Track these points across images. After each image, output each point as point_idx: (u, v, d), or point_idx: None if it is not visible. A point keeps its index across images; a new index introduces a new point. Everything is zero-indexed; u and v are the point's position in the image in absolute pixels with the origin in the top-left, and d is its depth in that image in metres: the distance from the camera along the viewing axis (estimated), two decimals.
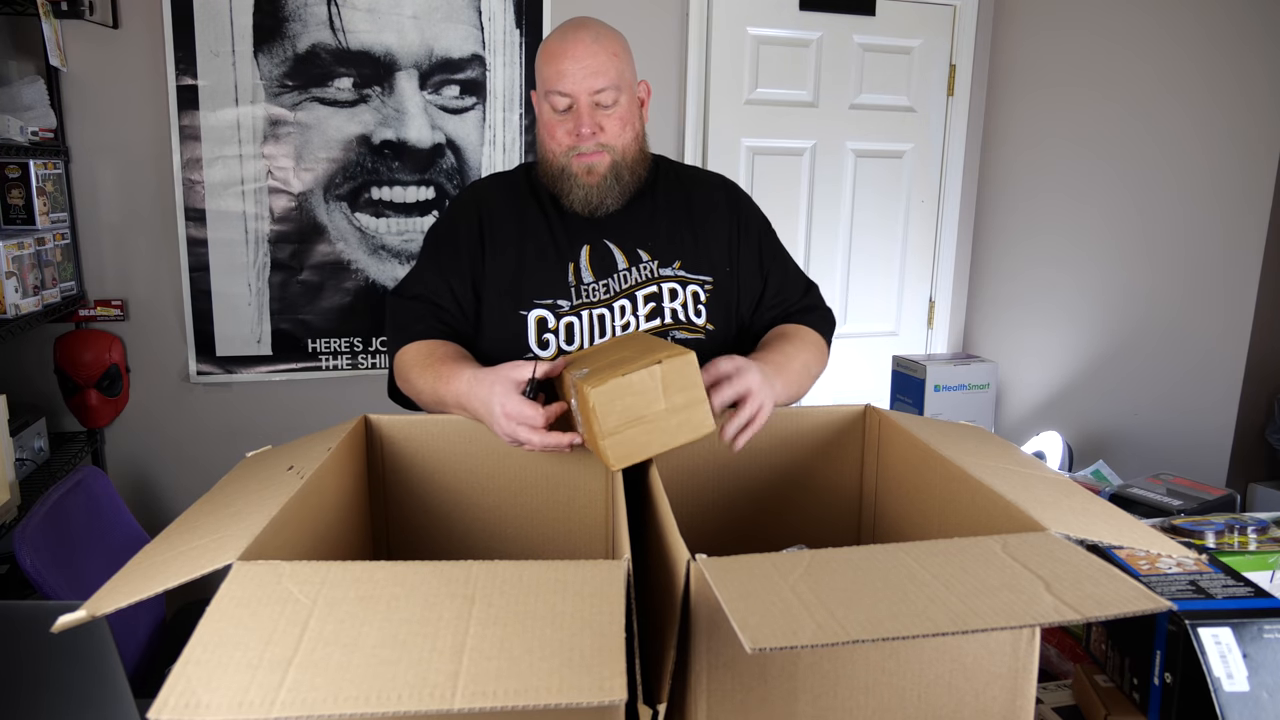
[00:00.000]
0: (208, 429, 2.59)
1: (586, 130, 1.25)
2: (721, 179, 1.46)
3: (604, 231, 1.34)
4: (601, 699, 0.50)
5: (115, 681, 1.23)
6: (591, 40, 1.24)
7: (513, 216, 1.35)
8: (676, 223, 1.37)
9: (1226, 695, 0.77)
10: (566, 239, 1.33)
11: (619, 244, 1.33)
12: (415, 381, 1.23)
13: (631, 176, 1.32)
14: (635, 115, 1.31)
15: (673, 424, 0.95)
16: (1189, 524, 1.15)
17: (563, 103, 1.26)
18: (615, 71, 1.25)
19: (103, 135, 2.39)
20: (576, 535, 1.12)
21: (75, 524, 1.69)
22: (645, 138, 1.35)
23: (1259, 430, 2.45)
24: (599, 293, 1.31)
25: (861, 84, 3.03)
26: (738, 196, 1.44)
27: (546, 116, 1.29)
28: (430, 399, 1.20)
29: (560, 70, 1.24)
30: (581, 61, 1.23)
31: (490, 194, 1.40)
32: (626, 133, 1.29)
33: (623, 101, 1.27)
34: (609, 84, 1.24)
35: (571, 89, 1.24)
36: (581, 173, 1.28)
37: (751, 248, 1.40)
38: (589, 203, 1.30)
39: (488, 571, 0.63)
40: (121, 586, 0.65)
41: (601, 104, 1.25)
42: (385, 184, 2.61)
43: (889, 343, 3.23)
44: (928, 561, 0.63)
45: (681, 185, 1.41)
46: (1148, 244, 2.62)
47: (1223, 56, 2.39)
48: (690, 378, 0.95)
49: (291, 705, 0.50)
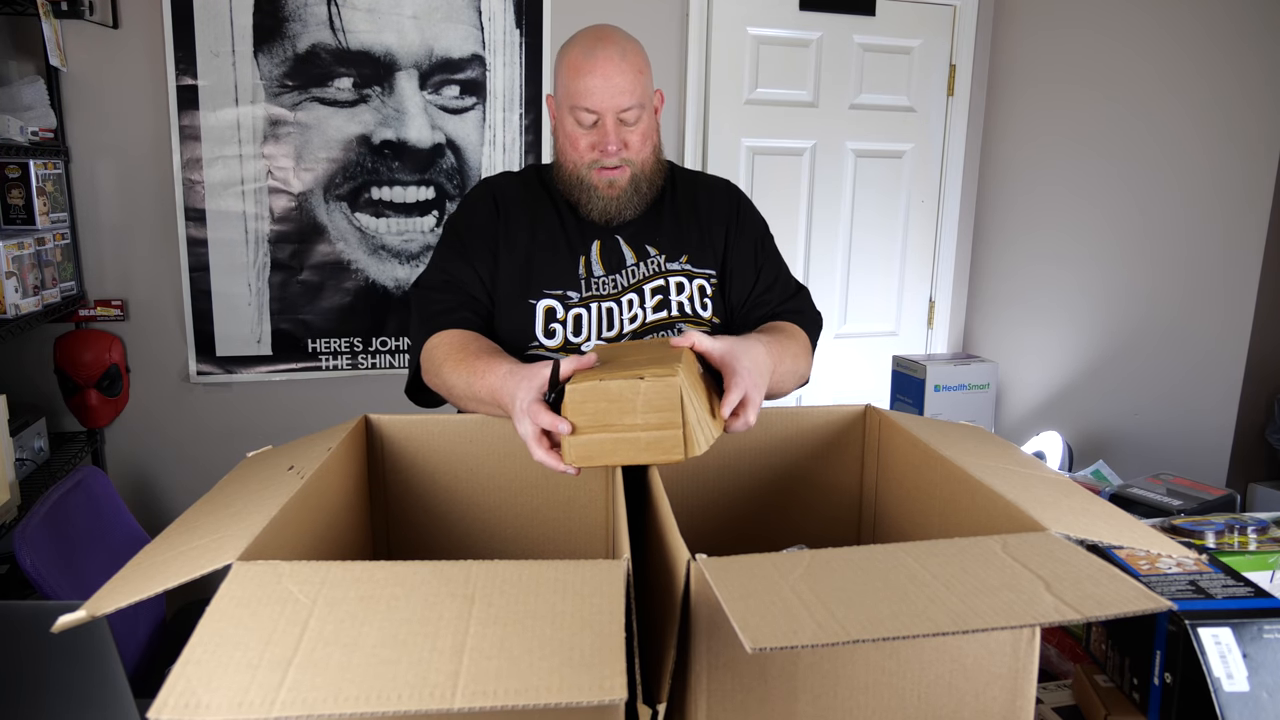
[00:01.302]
0: (208, 429, 2.59)
1: (613, 148, 1.25)
2: (727, 183, 1.48)
3: (615, 229, 1.36)
4: (601, 698, 0.50)
5: (115, 681, 1.23)
6: (620, 58, 1.24)
7: (526, 209, 1.36)
8: (684, 220, 1.38)
9: (1226, 695, 0.77)
10: (579, 234, 1.34)
11: (629, 241, 1.35)
12: (448, 375, 1.20)
13: (650, 188, 1.33)
14: (655, 128, 1.32)
15: (642, 440, 0.93)
16: (1189, 524, 1.15)
17: (589, 119, 1.26)
18: (641, 90, 1.26)
19: (103, 135, 2.39)
20: (576, 535, 1.12)
21: (75, 524, 1.69)
22: (661, 148, 1.36)
23: (1259, 430, 2.45)
24: (608, 286, 1.32)
25: (861, 84, 3.03)
26: (740, 200, 1.45)
27: (570, 128, 1.28)
28: (463, 393, 1.16)
29: (588, 87, 1.23)
30: (611, 80, 1.23)
31: (505, 187, 1.40)
32: (647, 146, 1.30)
33: (644, 118, 1.28)
34: (635, 102, 1.25)
35: (599, 106, 1.24)
36: (602, 185, 1.29)
37: (746, 246, 1.41)
38: (607, 213, 1.31)
39: (488, 571, 0.63)
40: (121, 586, 0.65)
41: (626, 121, 1.26)
42: (385, 184, 2.61)
43: (889, 343, 3.23)
44: (928, 561, 0.63)
45: (689, 187, 1.43)
46: (1148, 244, 2.62)
47: (1223, 56, 2.39)
48: (671, 400, 0.92)
49: (291, 705, 0.50)
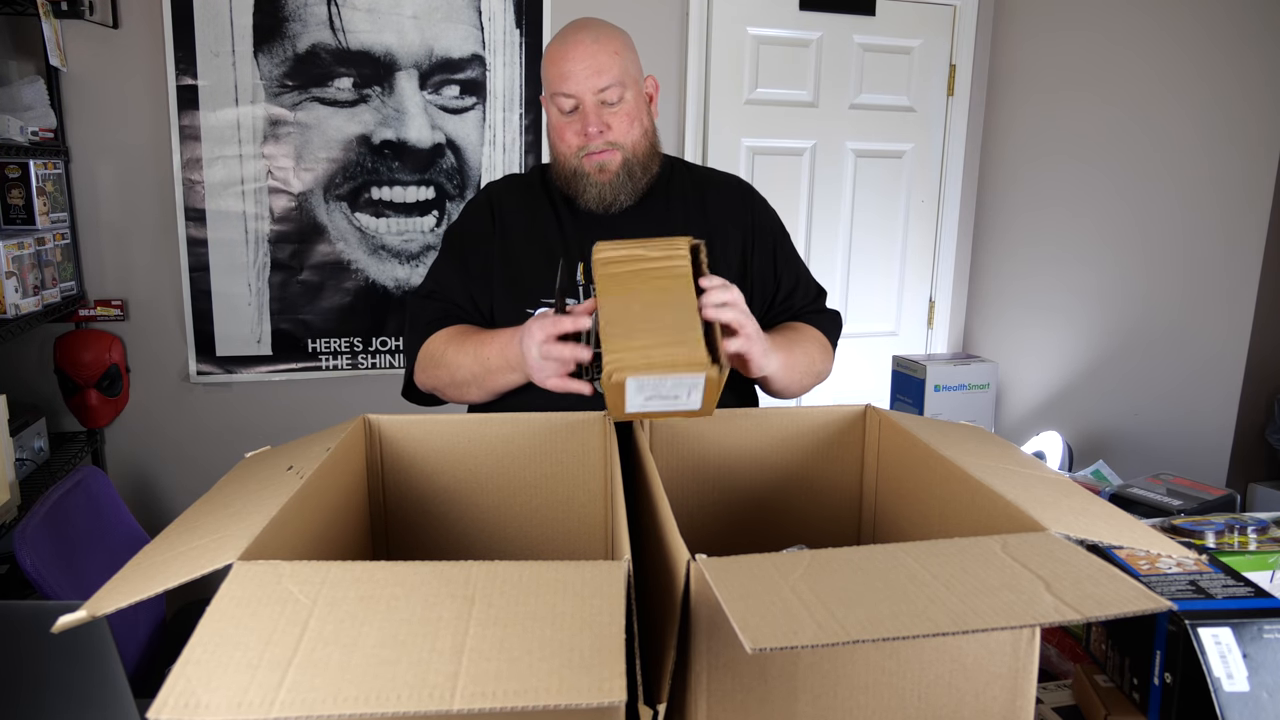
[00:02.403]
0: (208, 429, 2.59)
1: (594, 129, 1.25)
2: (737, 181, 1.46)
3: (617, 231, 1.34)
4: (601, 699, 0.50)
5: (115, 681, 1.23)
6: (592, 40, 1.25)
7: (525, 215, 1.36)
8: (690, 223, 1.37)
9: (1226, 695, 0.77)
10: (578, 239, 1.33)
11: None
12: (453, 357, 1.25)
13: (644, 173, 1.32)
14: (643, 111, 1.31)
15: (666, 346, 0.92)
16: (1189, 524, 1.15)
17: (569, 104, 1.26)
18: (618, 68, 1.25)
19: (103, 135, 2.39)
20: (576, 535, 1.12)
21: (75, 524, 1.69)
22: (655, 133, 1.35)
23: (1259, 430, 2.45)
24: None
25: (861, 84, 3.03)
26: (754, 200, 1.43)
27: (555, 119, 1.29)
28: (471, 364, 1.22)
29: (564, 72, 1.24)
30: (584, 62, 1.24)
31: (504, 194, 1.41)
32: (635, 129, 1.29)
33: (628, 98, 1.27)
34: (612, 81, 1.25)
35: (575, 89, 1.24)
36: (594, 171, 1.29)
37: (766, 253, 1.40)
38: (603, 200, 1.30)
39: (487, 572, 0.63)
40: (121, 586, 0.65)
41: (607, 101, 1.26)
42: (385, 184, 2.61)
43: (889, 343, 3.23)
44: (928, 561, 0.63)
45: (697, 186, 1.41)
46: (1148, 244, 2.62)
47: (1223, 57, 2.39)
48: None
49: (291, 705, 0.50)
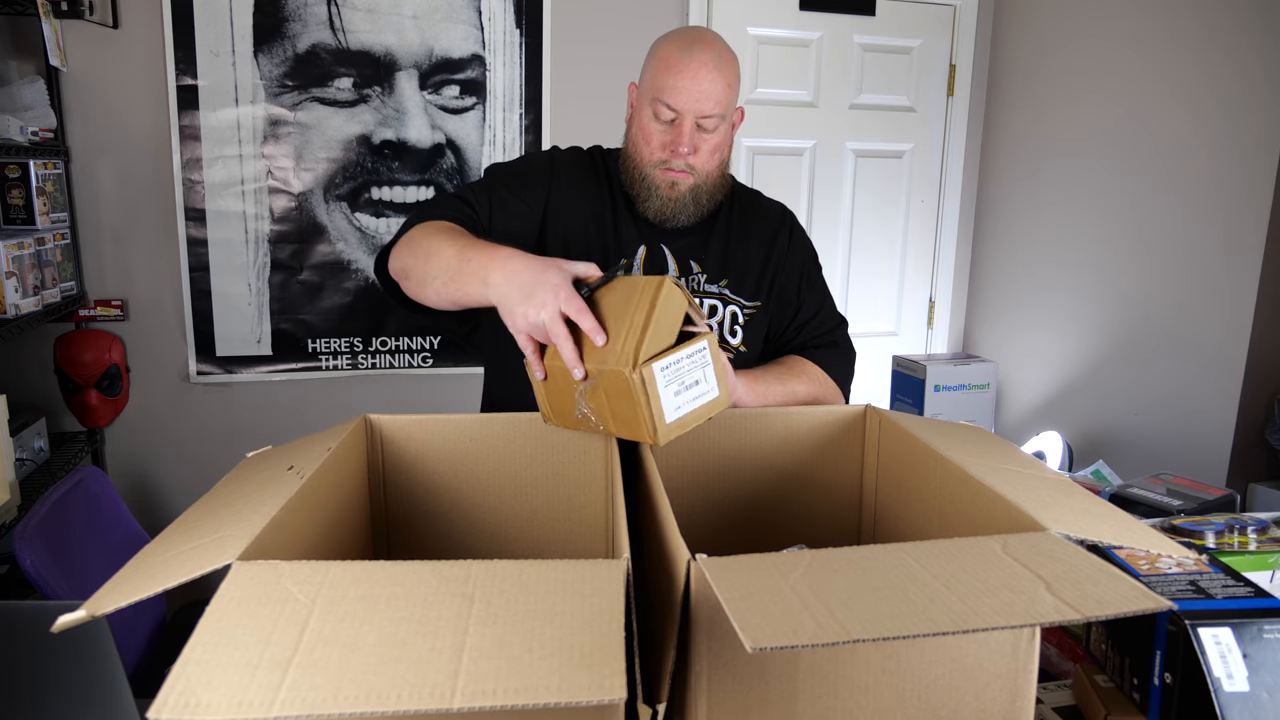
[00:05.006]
0: (208, 429, 2.59)
1: (684, 149, 1.25)
2: (782, 210, 1.46)
3: (663, 236, 1.35)
4: (601, 698, 0.50)
5: (115, 681, 1.23)
6: (714, 65, 1.23)
7: (584, 196, 1.35)
8: (731, 243, 1.38)
9: (1226, 695, 0.77)
10: (630, 235, 1.34)
11: (676, 255, 1.35)
12: (438, 244, 1.11)
13: (709, 200, 1.33)
14: (728, 143, 1.32)
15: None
16: (1189, 524, 1.15)
17: (667, 114, 1.25)
18: (727, 101, 1.25)
19: (103, 135, 2.39)
20: (576, 535, 1.12)
21: (75, 524, 1.69)
22: (728, 163, 1.35)
23: (1259, 430, 2.45)
24: None
25: (861, 84, 3.03)
26: (792, 229, 1.44)
27: (645, 121, 1.28)
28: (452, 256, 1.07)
29: (676, 85, 1.23)
30: (700, 84, 1.22)
31: (570, 165, 1.37)
32: (715, 158, 1.29)
33: (722, 129, 1.28)
34: (717, 111, 1.24)
35: (681, 106, 1.24)
36: (664, 185, 1.29)
37: (791, 278, 1.41)
38: (662, 214, 1.31)
39: (487, 571, 0.63)
40: (121, 586, 0.65)
41: (704, 128, 1.26)
42: (385, 184, 2.61)
43: (889, 343, 3.23)
44: (928, 561, 0.63)
45: (744, 211, 1.42)
46: (1148, 244, 2.62)
47: (1223, 57, 2.39)
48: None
49: (291, 704, 0.50)
